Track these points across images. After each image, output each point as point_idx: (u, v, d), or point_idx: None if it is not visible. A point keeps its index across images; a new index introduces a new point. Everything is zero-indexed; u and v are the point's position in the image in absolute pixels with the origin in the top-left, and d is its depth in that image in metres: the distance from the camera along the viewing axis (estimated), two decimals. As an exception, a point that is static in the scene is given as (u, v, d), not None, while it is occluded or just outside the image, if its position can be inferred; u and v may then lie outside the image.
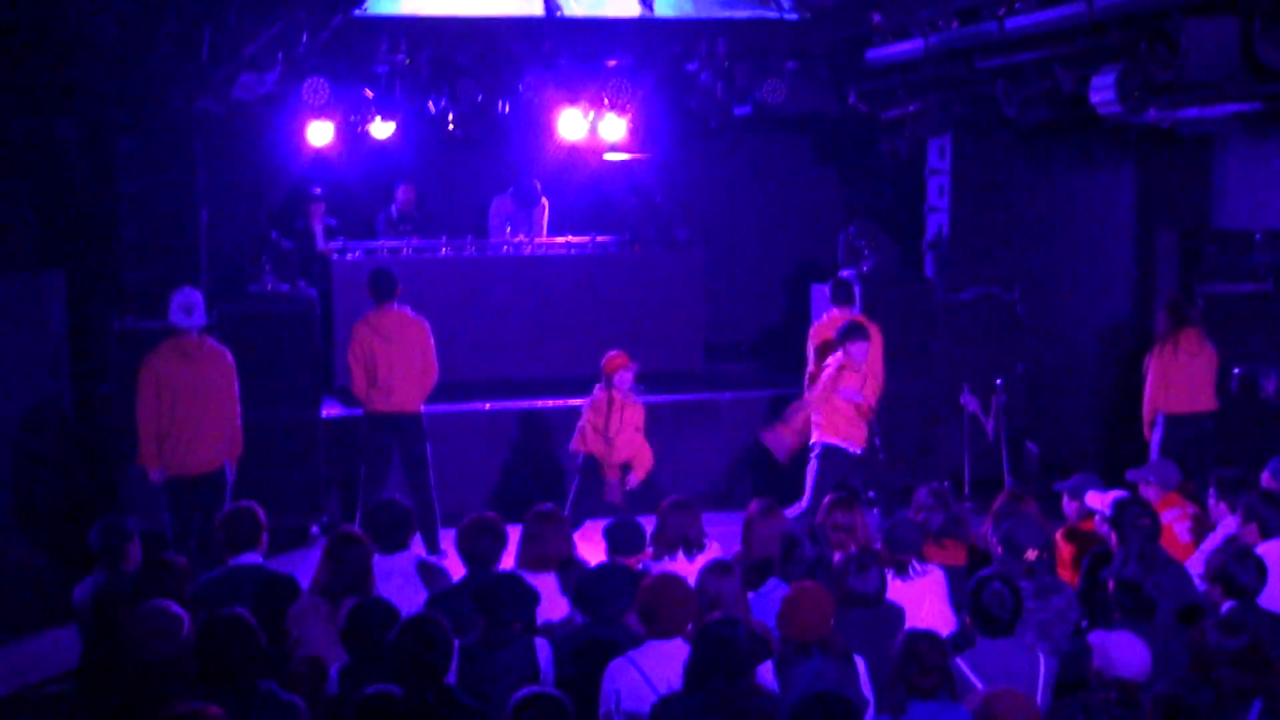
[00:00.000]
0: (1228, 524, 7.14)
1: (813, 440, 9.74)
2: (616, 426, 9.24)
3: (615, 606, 5.64)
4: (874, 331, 10.09)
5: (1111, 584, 5.82)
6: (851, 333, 9.58)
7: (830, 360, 9.72)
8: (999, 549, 6.42)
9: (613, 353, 9.44)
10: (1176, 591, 6.25)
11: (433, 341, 9.70)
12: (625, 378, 9.28)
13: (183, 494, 8.49)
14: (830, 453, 9.63)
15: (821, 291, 12.15)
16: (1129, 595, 5.71)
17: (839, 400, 9.56)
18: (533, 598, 5.64)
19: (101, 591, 6.37)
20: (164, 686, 4.95)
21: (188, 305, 8.45)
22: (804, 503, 9.62)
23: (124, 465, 9.59)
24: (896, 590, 6.25)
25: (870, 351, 9.89)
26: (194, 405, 8.41)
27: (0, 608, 8.85)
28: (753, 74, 11.24)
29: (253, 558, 6.47)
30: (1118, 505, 6.70)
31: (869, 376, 9.78)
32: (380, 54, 10.87)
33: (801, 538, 6.29)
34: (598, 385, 9.37)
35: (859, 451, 9.68)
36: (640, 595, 5.37)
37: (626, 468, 9.35)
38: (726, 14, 11.47)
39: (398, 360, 9.51)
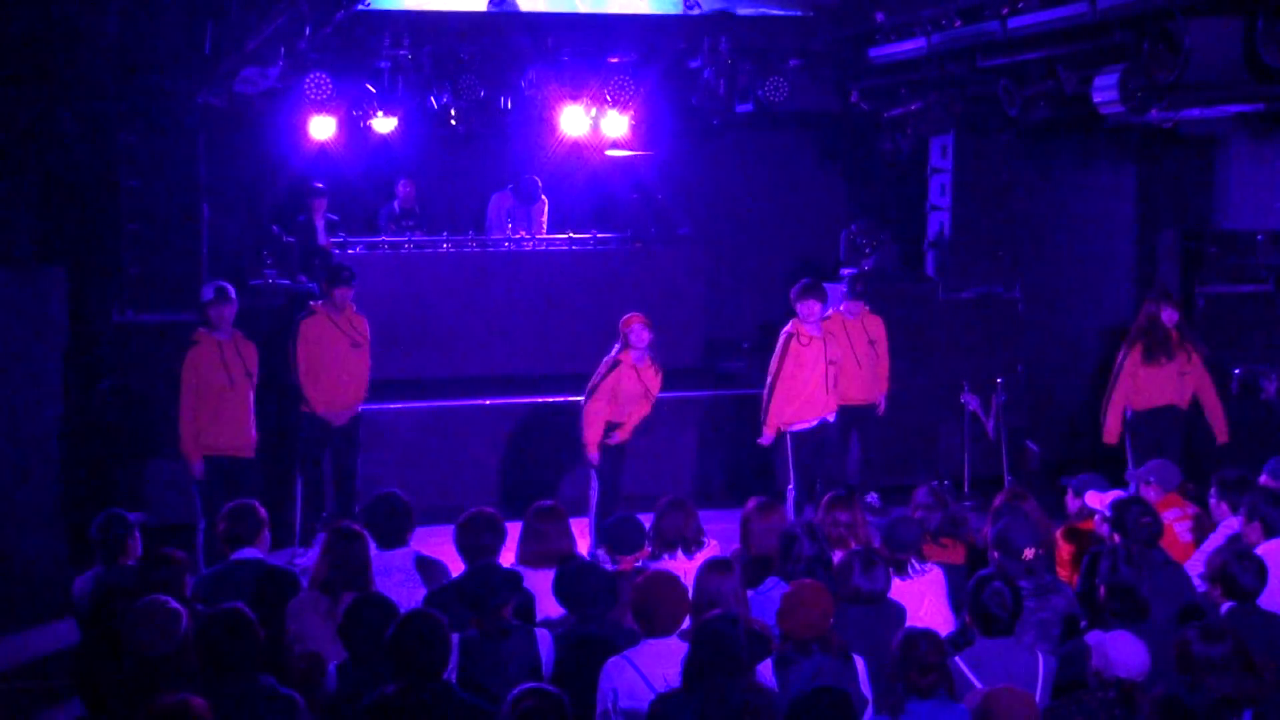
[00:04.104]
0: (1229, 524, 7.13)
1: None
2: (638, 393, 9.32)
3: (596, 606, 5.64)
4: (879, 324, 10.19)
5: (1103, 590, 5.81)
6: (807, 290, 9.63)
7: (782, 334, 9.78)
8: (996, 549, 6.41)
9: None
10: (1175, 592, 6.24)
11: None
12: (642, 335, 9.30)
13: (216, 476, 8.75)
14: (789, 436, 9.74)
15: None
16: (1118, 599, 5.71)
17: (785, 380, 9.62)
18: (514, 580, 5.64)
19: (101, 585, 6.38)
20: (162, 680, 4.95)
21: (218, 285, 8.87)
22: (790, 486, 9.75)
23: (124, 458, 9.61)
24: (896, 589, 6.24)
25: (879, 347, 10.13)
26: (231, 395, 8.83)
27: (0, 600, 8.87)
28: (755, 71, 11.24)
29: (254, 553, 6.48)
30: (1118, 505, 6.68)
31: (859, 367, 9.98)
32: (382, 49, 10.87)
33: (800, 535, 6.28)
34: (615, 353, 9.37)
35: (813, 424, 9.70)
36: (635, 594, 5.37)
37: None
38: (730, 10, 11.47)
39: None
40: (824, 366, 9.64)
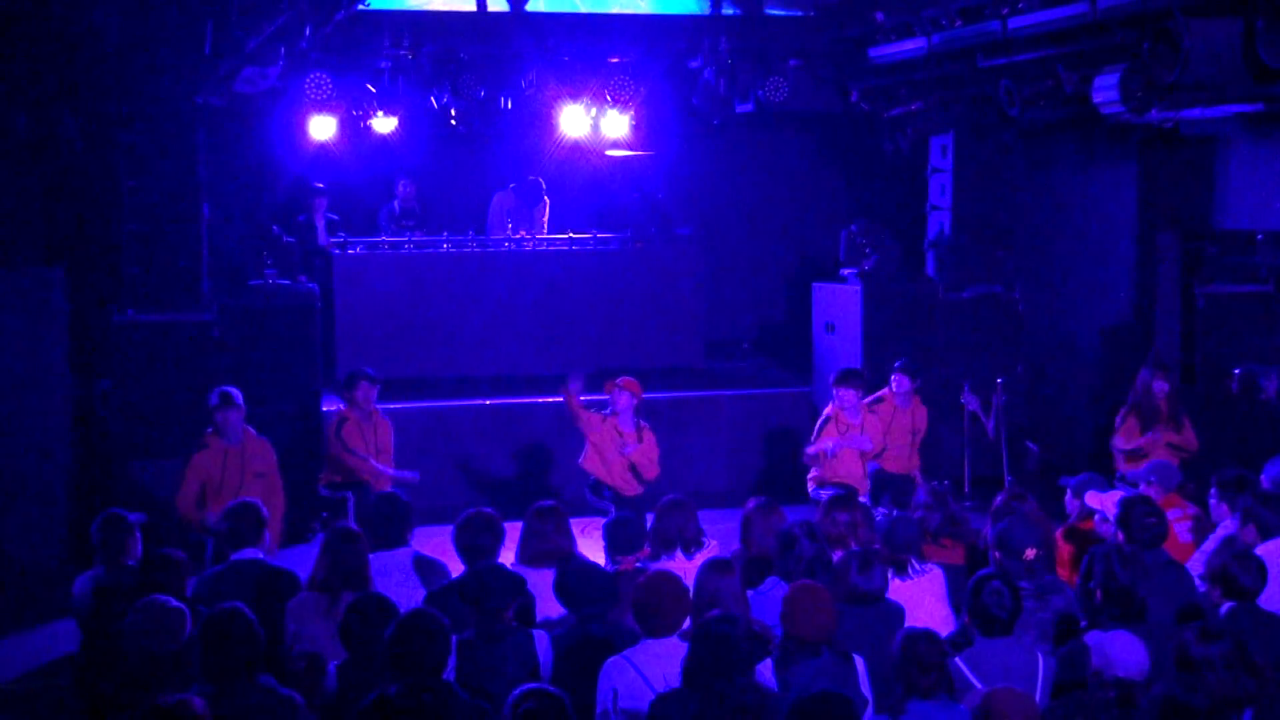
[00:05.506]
0: (1229, 525, 7.13)
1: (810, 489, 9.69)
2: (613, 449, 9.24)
3: (596, 605, 5.64)
4: (924, 416, 9.95)
5: (1099, 593, 5.80)
6: (844, 378, 9.53)
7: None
8: (996, 549, 6.41)
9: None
10: (1176, 592, 6.24)
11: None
12: (622, 399, 9.23)
13: None
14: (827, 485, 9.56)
15: (822, 290, 12.16)
16: (1115, 602, 5.71)
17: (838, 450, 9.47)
18: (518, 583, 5.64)
19: (101, 585, 6.38)
20: (162, 680, 4.95)
21: (222, 391, 8.60)
22: None
23: (124, 458, 9.60)
24: (896, 589, 6.24)
25: (917, 438, 9.87)
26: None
27: (1, 600, 8.86)
28: (755, 71, 11.24)
29: (254, 553, 6.48)
30: (1125, 503, 6.66)
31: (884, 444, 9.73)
32: (383, 48, 10.88)
33: (800, 535, 6.28)
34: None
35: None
36: (636, 594, 5.37)
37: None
38: (730, 10, 11.47)
39: None
40: (857, 455, 9.48)
